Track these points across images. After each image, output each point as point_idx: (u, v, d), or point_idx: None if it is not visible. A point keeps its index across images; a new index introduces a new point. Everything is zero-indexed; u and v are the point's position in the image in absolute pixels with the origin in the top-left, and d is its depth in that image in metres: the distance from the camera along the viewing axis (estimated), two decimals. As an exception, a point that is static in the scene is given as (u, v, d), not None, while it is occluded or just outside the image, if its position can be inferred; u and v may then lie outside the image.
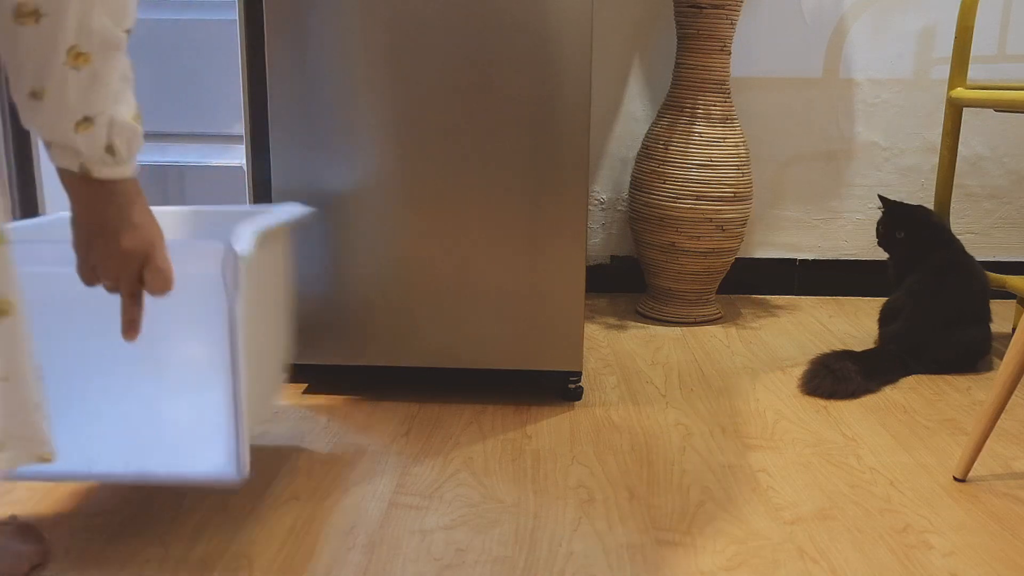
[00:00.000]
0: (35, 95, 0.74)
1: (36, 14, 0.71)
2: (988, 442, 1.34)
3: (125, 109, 0.80)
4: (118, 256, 0.82)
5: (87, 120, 0.76)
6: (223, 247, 0.96)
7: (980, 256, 2.22)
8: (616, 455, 1.28)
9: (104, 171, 0.79)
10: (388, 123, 1.37)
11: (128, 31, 0.77)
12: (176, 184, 1.80)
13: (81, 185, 0.80)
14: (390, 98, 1.36)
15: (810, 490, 1.18)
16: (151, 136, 1.81)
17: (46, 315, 1.03)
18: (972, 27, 1.81)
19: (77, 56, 0.74)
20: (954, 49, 1.83)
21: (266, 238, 1.10)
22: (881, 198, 1.77)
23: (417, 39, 1.34)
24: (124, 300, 0.84)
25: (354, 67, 1.35)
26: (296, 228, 1.40)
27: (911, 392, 1.56)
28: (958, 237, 1.75)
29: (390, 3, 1.33)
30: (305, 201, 1.39)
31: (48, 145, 0.78)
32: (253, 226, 1.06)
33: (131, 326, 0.85)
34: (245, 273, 0.98)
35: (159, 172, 1.81)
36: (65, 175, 0.80)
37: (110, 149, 0.79)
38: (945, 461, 1.28)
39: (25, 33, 0.72)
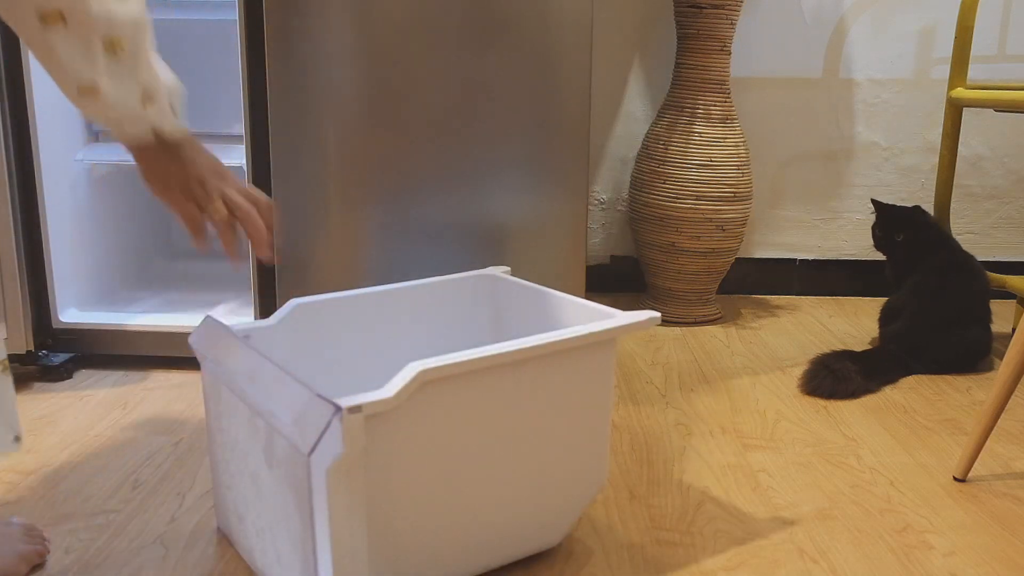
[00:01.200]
0: (86, 92, 0.78)
1: (61, 16, 0.74)
2: (988, 442, 1.34)
3: (168, 72, 0.86)
4: (195, 174, 0.88)
5: (148, 95, 0.82)
6: (297, 391, 0.76)
7: (980, 256, 2.22)
8: (616, 455, 1.28)
9: (174, 130, 0.87)
10: (388, 123, 1.37)
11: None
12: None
13: (154, 147, 0.86)
14: (390, 98, 1.36)
15: (810, 490, 1.18)
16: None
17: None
18: (972, 27, 1.81)
19: (113, 44, 0.77)
20: (954, 49, 1.83)
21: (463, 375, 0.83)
22: (874, 202, 1.78)
23: (417, 39, 1.34)
24: (217, 225, 0.90)
25: (354, 67, 1.35)
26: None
27: (911, 392, 1.56)
28: (958, 237, 1.75)
29: (390, 3, 1.33)
30: (304, 202, 1.39)
31: (113, 126, 0.83)
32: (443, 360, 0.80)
33: (229, 250, 0.92)
34: (358, 437, 0.74)
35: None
36: (133, 143, 0.86)
37: (173, 111, 0.87)
38: (945, 461, 1.28)
39: (56, 36, 0.75)
